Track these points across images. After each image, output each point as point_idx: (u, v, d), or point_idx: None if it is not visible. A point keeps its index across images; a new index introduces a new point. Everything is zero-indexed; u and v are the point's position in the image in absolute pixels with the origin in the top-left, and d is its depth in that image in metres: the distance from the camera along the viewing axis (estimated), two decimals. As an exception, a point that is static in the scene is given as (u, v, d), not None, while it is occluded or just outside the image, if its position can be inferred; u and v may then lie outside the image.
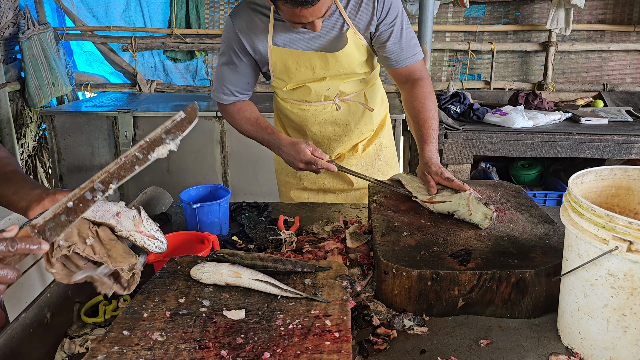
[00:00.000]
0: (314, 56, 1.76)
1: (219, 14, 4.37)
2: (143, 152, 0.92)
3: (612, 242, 0.89)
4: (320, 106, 1.91)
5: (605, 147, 3.12)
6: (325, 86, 1.85)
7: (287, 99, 1.96)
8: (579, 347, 1.02)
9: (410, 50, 1.78)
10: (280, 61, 1.78)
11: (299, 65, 1.78)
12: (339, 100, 1.90)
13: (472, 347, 1.05)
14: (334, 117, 1.94)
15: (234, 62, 1.80)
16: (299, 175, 2.11)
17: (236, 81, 1.84)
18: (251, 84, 1.89)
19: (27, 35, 3.85)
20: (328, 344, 0.91)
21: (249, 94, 1.91)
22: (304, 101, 1.91)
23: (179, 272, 1.19)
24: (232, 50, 1.79)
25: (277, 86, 1.91)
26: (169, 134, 0.94)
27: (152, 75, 4.54)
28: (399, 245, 1.24)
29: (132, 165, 0.92)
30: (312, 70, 1.80)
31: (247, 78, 1.85)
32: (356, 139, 2.05)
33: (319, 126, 1.96)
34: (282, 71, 1.81)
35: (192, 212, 1.57)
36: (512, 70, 4.36)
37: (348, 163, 2.02)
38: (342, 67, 1.79)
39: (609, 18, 4.17)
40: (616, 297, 0.93)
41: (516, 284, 1.12)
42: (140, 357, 0.89)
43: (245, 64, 1.81)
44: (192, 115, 0.95)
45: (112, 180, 0.92)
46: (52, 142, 3.64)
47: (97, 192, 0.91)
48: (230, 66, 1.81)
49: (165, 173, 3.63)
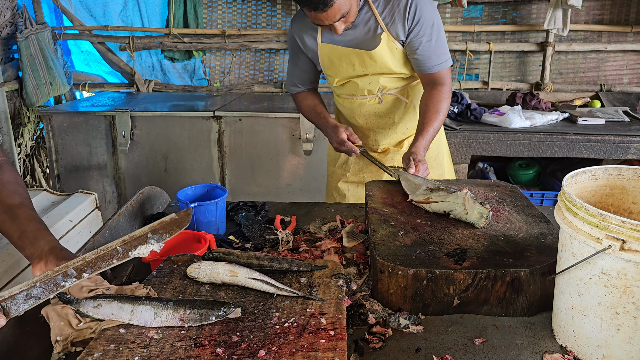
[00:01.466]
0: (351, 53, 1.95)
1: (217, 13, 4.37)
2: (124, 248, 0.93)
3: (606, 241, 0.90)
4: (365, 99, 2.08)
5: (602, 148, 3.13)
6: (367, 81, 2.03)
7: (340, 94, 2.16)
8: (573, 346, 1.03)
9: (437, 59, 1.93)
10: (327, 57, 2.00)
11: (341, 61, 1.99)
12: (381, 94, 2.05)
13: (467, 345, 1.06)
14: (377, 110, 2.10)
15: (294, 58, 2.12)
16: (344, 167, 2.28)
17: (298, 75, 2.16)
18: (311, 78, 2.17)
19: (25, 34, 3.85)
20: (323, 342, 0.92)
21: (312, 86, 2.21)
22: (352, 95, 2.10)
23: (175, 271, 1.19)
24: (292, 50, 2.11)
25: (329, 82, 2.15)
26: (155, 234, 0.95)
27: (149, 75, 4.54)
28: (395, 245, 1.24)
29: (111, 258, 0.93)
30: (353, 67, 1.99)
31: (306, 73, 2.14)
32: (402, 134, 2.17)
33: (364, 118, 2.14)
34: (329, 66, 2.04)
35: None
36: (510, 71, 4.37)
37: (391, 158, 2.16)
38: (377, 66, 1.96)
39: (606, 19, 4.17)
40: (609, 296, 0.93)
41: (511, 283, 1.13)
42: (136, 355, 0.90)
43: (302, 61, 2.10)
44: (184, 220, 0.97)
45: (87, 269, 0.93)
46: (50, 141, 3.64)
47: (70, 278, 0.92)
48: (293, 61, 2.14)
49: (162, 172, 3.63)
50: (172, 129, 3.55)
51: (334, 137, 1.99)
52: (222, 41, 4.34)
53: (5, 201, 1.21)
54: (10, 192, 1.23)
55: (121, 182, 3.68)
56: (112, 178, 3.69)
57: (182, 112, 3.54)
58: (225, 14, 4.37)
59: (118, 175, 3.67)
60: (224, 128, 3.52)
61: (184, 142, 3.57)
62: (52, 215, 2.23)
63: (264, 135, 3.49)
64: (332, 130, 2.02)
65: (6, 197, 1.22)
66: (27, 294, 0.90)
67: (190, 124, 3.53)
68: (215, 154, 3.58)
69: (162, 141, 3.57)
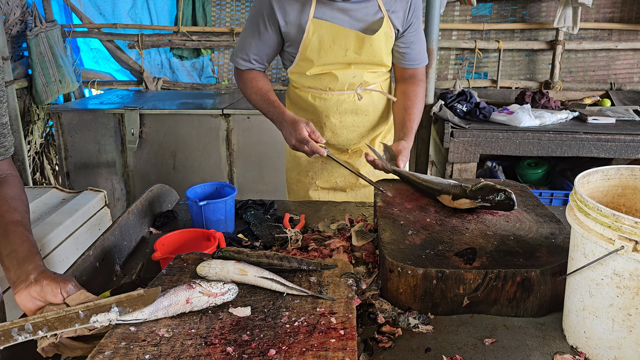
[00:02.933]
0: (351, 35, 1.79)
1: (225, 11, 4.38)
2: (86, 313, 0.92)
3: (618, 242, 0.89)
4: (342, 95, 1.94)
5: (612, 147, 3.10)
6: (351, 74, 1.89)
7: (307, 88, 1.97)
8: (584, 347, 1.02)
9: (424, 55, 1.95)
10: (316, 36, 1.79)
11: (334, 43, 1.80)
12: (361, 90, 1.94)
13: (477, 345, 1.06)
14: (355, 107, 1.98)
15: (260, 29, 1.83)
16: (310, 175, 2.12)
17: (256, 49, 1.88)
18: (270, 55, 1.91)
19: (35, 32, 3.87)
20: (333, 341, 0.92)
21: (265, 65, 1.95)
22: (327, 89, 1.93)
23: (185, 269, 1.19)
24: (261, 17, 1.81)
25: (301, 70, 1.91)
26: (119, 306, 0.94)
27: (158, 73, 4.56)
28: (405, 244, 1.24)
29: (71, 321, 0.92)
30: (345, 52, 1.82)
31: (268, 49, 1.88)
32: (372, 132, 2.08)
33: (339, 116, 1.99)
34: (314, 49, 1.82)
35: (199, 210, 1.58)
36: (519, 69, 4.35)
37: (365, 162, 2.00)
38: (372, 54, 1.85)
39: (616, 17, 4.14)
40: (622, 297, 0.93)
41: (521, 283, 1.12)
42: (146, 353, 0.90)
43: (268, 34, 1.83)
44: (151, 299, 0.96)
45: (44, 327, 0.92)
46: (59, 139, 3.66)
47: (25, 332, 0.91)
48: (255, 33, 1.84)
49: (171, 170, 3.65)
50: (180, 126, 3.56)
51: (294, 134, 1.73)
52: (230, 39, 4.34)
53: (3, 216, 1.15)
54: (11, 208, 1.18)
55: (130, 179, 3.70)
56: (121, 176, 3.70)
57: (191, 110, 3.55)
58: (233, 11, 4.38)
59: (127, 173, 3.69)
60: (232, 126, 3.53)
61: (193, 140, 3.58)
62: (61, 213, 2.25)
63: (272, 133, 3.48)
64: (290, 125, 1.75)
65: (5, 213, 1.16)
66: None
67: (198, 122, 3.54)
68: (223, 152, 3.58)
69: (170, 139, 3.59)
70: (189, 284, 1.03)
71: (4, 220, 1.14)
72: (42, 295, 1.02)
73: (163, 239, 1.45)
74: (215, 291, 1.02)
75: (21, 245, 1.10)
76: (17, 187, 1.26)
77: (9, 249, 1.10)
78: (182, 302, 1.01)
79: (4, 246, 1.10)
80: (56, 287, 1.02)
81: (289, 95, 2.11)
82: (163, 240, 1.44)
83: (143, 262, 1.47)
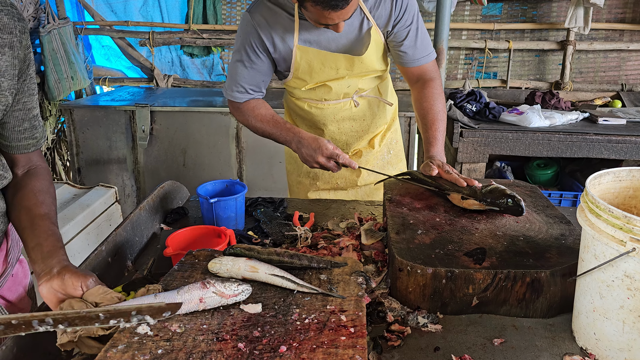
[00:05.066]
0: (340, 57, 1.77)
1: (236, 9, 4.39)
2: (106, 315, 0.94)
3: (630, 244, 0.89)
4: (339, 104, 1.94)
5: (623, 148, 3.09)
6: (345, 84, 1.87)
7: (304, 98, 1.95)
8: (593, 348, 1.03)
9: (424, 50, 1.82)
10: (305, 61, 1.76)
11: (323, 65, 1.78)
12: (357, 97, 1.94)
13: (486, 345, 1.06)
14: (352, 114, 1.97)
15: (251, 58, 1.76)
16: (312, 176, 2.12)
17: (251, 78, 1.80)
18: (266, 82, 1.85)
19: (47, 29, 3.90)
20: (343, 339, 0.93)
21: (262, 92, 1.88)
22: (322, 100, 1.92)
23: (196, 265, 1.21)
24: (249, 46, 1.75)
25: (296, 86, 1.89)
26: (140, 314, 0.95)
27: (169, 70, 4.58)
28: (414, 243, 1.24)
29: (91, 320, 0.94)
30: (336, 71, 1.81)
31: (262, 76, 1.81)
32: (371, 133, 2.08)
33: (337, 124, 1.99)
34: (305, 71, 1.80)
35: (209, 207, 1.59)
36: (529, 69, 4.33)
37: (365, 160, 2.07)
38: (364, 68, 1.82)
39: (628, 17, 4.11)
40: (632, 299, 0.93)
41: (531, 284, 1.12)
42: (159, 348, 0.91)
43: (261, 61, 1.77)
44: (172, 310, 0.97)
45: (64, 322, 0.93)
46: (71, 135, 3.70)
47: (45, 324, 0.92)
48: (246, 63, 1.78)
49: (181, 167, 3.67)
50: (190, 124, 3.58)
51: (318, 151, 1.66)
52: (240, 37, 4.35)
53: (31, 209, 1.20)
54: (39, 202, 1.22)
55: (140, 176, 3.73)
56: (132, 172, 3.73)
57: (201, 108, 3.57)
58: (244, 10, 4.38)
59: (137, 170, 3.71)
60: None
61: (203, 137, 3.60)
62: (73, 208, 2.27)
63: (282, 132, 3.50)
64: (311, 142, 1.68)
65: (33, 206, 1.21)
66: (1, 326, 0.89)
67: (208, 119, 3.56)
68: (233, 150, 3.60)
69: (181, 136, 3.61)
70: (203, 282, 1.04)
71: (31, 214, 1.19)
72: (63, 288, 1.07)
73: (174, 235, 1.46)
74: (228, 293, 1.03)
75: (46, 240, 1.15)
76: (46, 179, 1.30)
77: (35, 242, 1.14)
78: (196, 301, 1.02)
79: (30, 239, 1.15)
80: (77, 281, 1.07)
81: (286, 102, 2.09)
82: (174, 237, 1.46)
83: (154, 258, 1.49)
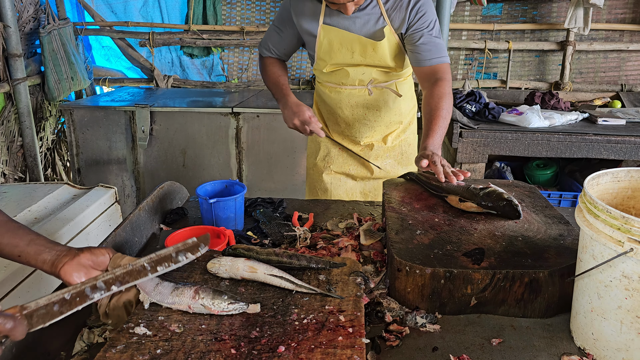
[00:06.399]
0: (356, 40, 1.94)
1: (236, 10, 4.39)
2: (151, 265, 0.99)
3: (627, 244, 0.89)
4: (354, 90, 2.10)
5: (622, 148, 3.09)
6: (360, 71, 2.04)
7: (325, 82, 2.16)
8: (591, 348, 1.03)
9: (437, 52, 1.92)
10: (326, 40, 1.97)
11: (341, 46, 1.97)
12: (371, 86, 2.07)
13: (484, 345, 1.06)
14: (365, 101, 2.12)
15: (281, 28, 2.08)
16: (326, 159, 2.26)
17: (277, 43, 2.13)
18: (287, 51, 2.16)
19: (48, 30, 3.90)
20: (341, 339, 0.93)
21: (284, 57, 2.18)
22: (340, 84, 2.11)
23: (195, 265, 1.21)
24: (282, 17, 2.05)
25: (318, 67, 2.10)
26: (180, 254, 1.01)
27: (169, 71, 4.58)
28: (413, 243, 1.25)
29: (139, 274, 0.98)
30: (352, 54, 1.98)
31: (286, 44, 2.12)
32: (385, 128, 2.19)
33: (351, 109, 2.14)
34: (326, 50, 2.00)
35: (209, 207, 1.59)
36: (529, 70, 4.33)
37: (375, 154, 2.20)
38: (377, 58, 1.98)
39: (628, 18, 4.11)
40: (630, 299, 0.93)
41: (529, 284, 1.13)
42: (158, 348, 0.92)
43: (288, 32, 2.07)
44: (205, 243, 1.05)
45: (116, 282, 0.97)
46: (71, 135, 3.70)
47: (99, 290, 0.95)
48: (277, 30, 2.10)
49: (180, 168, 3.67)
50: (190, 124, 3.58)
51: (295, 114, 1.92)
52: (240, 38, 4.36)
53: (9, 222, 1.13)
54: None
55: (140, 176, 3.73)
56: (131, 172, 3.73)
57: (201, 108, 3.57)
58: (244, 10, 4.39)
59: (137, 170, 3.71)
60: (241, 124, 3.55)
61: (202, 137, 3.60)
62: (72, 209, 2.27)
63: (281, 132, 3.51)
64: (294, 106, 1.95)
65: None
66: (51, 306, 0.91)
67: (208, 120, 3.56)
68: (232, 150, 3.60)
69: (180, 137, 3.61)
70: (196, 290, 1.03)
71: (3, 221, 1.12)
72: (94, 259, 1.08)
73: (173, 236, 1.46)
74: (215, 309, 1.02)
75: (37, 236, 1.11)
76: None
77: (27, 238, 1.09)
78: (185, 305, 1.03)
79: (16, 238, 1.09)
80: (104, 252, 1.09)
81: (316, 87, 2.28)
82: (173, 237, 1.46)
83: (153, 259, 1.49)
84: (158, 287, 1.06)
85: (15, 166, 3.91)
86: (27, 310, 0.88)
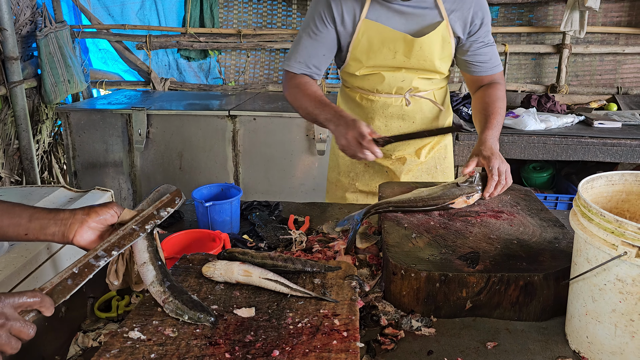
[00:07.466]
0: (399, 38, 1.75)
1: (233, 13, 4.40)
2: (139, 226, 1.06)
3: (621, 248, 0.89)
4: (390, 99, 1.90)
5: (618, 151, 3.10)
6: (400, 77, 1.85)
7: (357, 88, 1.94)
8: (586, 351, 1.03)
9: (496, 60, 1.86)
10: (366, 37, 1.77)
11: (382, 45, 1.77)
12: (409, 96, 1.89)
13: (479, 349, 1.06)
14: (402, 112, 1.92)
15: (317, 28, 1.78)
16: (352, 176, 2.08)
17: (312, 49, 1.81)
18: (326, 57, 1.84)
19: (44, 33, 3.90)
20: (336, 343, 0.93)
21: (320, 72, 1.87)
22: (374, 90, 1.90)
23: (190, 269, 1.21)
24: (317, 16, 1.77)
25: (350, 70, 1.88)
26: (160, 210, 1.10)
27: (166, 74, 4.58)
28: (408, 247, 1.25)
29: (130, 235, 1.04)
30: (394, 54, 1.79)
31: (324, 48, 1.81)
32: (420, 141, 2.01)
33: (385, 120, 1.94)
34: (363, 50, 1.79)
35: (204, 211, 1.59)
36: (525, 72, 4.34)
37: (407, 169, 2.00)
38: (422, 58, 1.79)
39: (624, 21, 4.13)
40: (624, 303, 0.93)
41: (524, 287, 1.13)
42: (152, 352, 0.91)
43: (327, 31, 1.78)
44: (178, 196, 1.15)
45: (114, 248, 1.02)
46: (67, 138, 3.69)
47: (101, 258, 1.00)
48: (311, 33, 1.79)
49: (177, 171, 3.67)
50: (187, 127, 3.58)
51: (351, 128, 1.58)
52: (237, 41, 4.36)
53: None
54: None
55: (136, 179, 3.72)
56: (128, 175, 3.73)
57: (198, 111, 3.57)
58: (240, 13, 4.40)
59: (134, 173, 3.71)
60: (238, 127, 3.54)
61: (199, 140, 3.60)
62: (69, 212, 2.26)
63: (278, 135, 3.51)
64: (350, 121, 1.60)
65: None
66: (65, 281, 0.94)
67: (205, 122, 3.56)
68: (229, 153, 3.60)
69: (177, 139, 3.61)
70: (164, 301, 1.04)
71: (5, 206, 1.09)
72: (103, 220, 1.08)
73: (169, 239, 1.46)
74: None
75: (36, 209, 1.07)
76: None
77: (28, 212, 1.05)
78: None
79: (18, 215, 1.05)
80: (110, 209, 1.09)
81: (341, 94, 2.07)
82: (169, 240, 1.46)
83: (149, 262, 1.48)
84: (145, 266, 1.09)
85: (12, 169, 3.90)
86: (46, 290, 0.92)
